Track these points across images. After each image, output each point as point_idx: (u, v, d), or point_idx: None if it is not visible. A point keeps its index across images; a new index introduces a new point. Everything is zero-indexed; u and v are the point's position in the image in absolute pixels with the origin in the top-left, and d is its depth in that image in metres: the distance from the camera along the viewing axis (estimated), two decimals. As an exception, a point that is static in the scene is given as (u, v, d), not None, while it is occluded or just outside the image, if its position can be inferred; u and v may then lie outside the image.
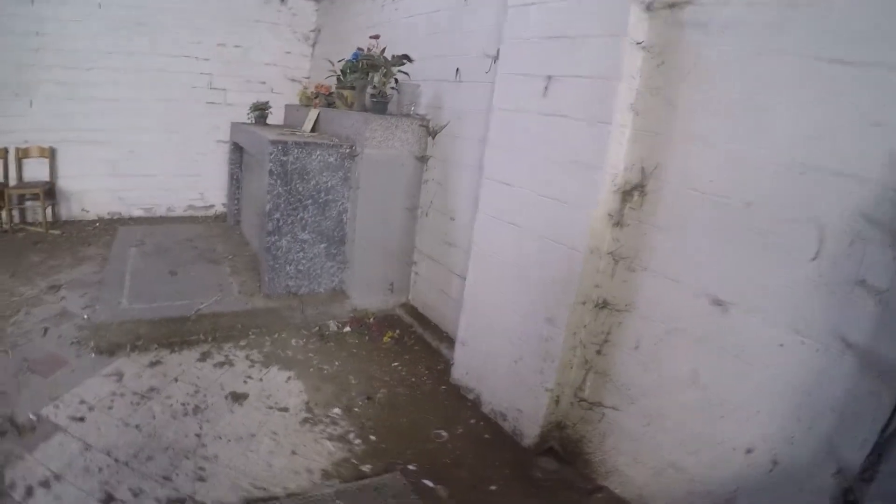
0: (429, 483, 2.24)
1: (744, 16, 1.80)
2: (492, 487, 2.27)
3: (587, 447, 2.36)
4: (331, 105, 4.46)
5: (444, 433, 2.62)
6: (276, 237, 3.38)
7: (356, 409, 2.72)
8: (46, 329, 3.09)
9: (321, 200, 3.47)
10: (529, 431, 2.48)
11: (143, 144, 5.07)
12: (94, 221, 5.04)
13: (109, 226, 4.99)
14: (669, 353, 2.00)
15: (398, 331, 3.58)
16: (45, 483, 1.98)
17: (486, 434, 2.65)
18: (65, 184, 4.87)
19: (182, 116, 5.10)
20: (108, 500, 1.96)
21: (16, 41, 4.42)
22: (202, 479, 2.13)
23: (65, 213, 4.97)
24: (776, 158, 1.72)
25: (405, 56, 3.42)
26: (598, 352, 2.27)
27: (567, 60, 2.20)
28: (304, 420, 2.60)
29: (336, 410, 2.70)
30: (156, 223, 5.12)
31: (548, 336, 2.29)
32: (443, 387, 3.03)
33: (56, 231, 4.68)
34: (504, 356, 2.55)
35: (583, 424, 2.36)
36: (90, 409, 2.46)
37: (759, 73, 1.77)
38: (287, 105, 5.10)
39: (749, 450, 1.78)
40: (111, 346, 2.94)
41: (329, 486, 2.17)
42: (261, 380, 2.88)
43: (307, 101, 4.55)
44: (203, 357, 3.01)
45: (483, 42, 3.19)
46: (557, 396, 2.38)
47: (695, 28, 1.92)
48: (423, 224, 3.76)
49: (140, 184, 5.13)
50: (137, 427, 2.38)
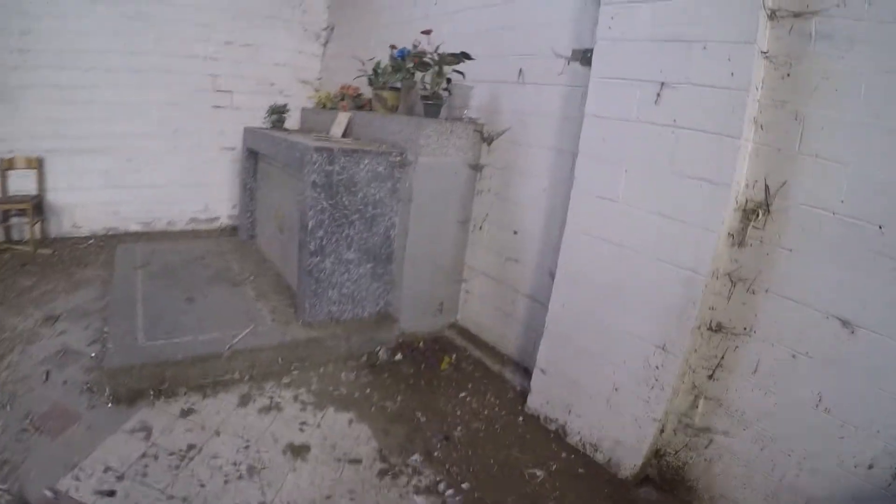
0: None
1: (875, 32, 1.66)
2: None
3: (690, 474, 2.19)
4: (359, 108, 3.99)
5: (539, 472, 2.26)
6: (319, 258, 2.89)
7: (437, 454, 2.30)
8: (48, 373, 2.53)
9: (368, 215, 3.00)
10: (628, 462, 2.26)
11: (142, 152, 4.49)
12: (88, 238, 4.42)
13: (105, 243, 4.37)
14: (793, 377, 1.87)
15: (454, 355, 3.14)
16: None
17: (580, 468, 2.34)
18: (55, 197, 4.26)
19: (185, 121, 4.55)
20: None
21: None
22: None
23: (55, 230, 4.35)
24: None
25: (464, 54, 2.98)
26: (710, 377, 2.08)
27: (684, 66, 1.95)
28: (382, 472, 2.16)
29: (415, 457, 2.26)
30: (157, 239, 4.51)
31: (658, 364, 2.07)
32: (519, 418, 2.64)
33: (46, 250, 4.06)
34: (598, 385, 2.31)
35: (686, 451, 2.18)
36: (119, 479, 1.94)
37: (891, 93, 1.63)
38: (304, 108, 4.59)
39: (870, 466, 1.71)
40: (131, 394, 2.40)
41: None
42: (319, 426, 2.39)
43: (331, 104, 4.06)
44: (243, 401, 2.50)
45: (553, 40, 2.82)
46: (663, 425, 2.20)
47: (823, 40, 1.76)
48: (476, 238, 3.32)
49: (138, 196, 4.54)
50: (185, 501, 1.88)
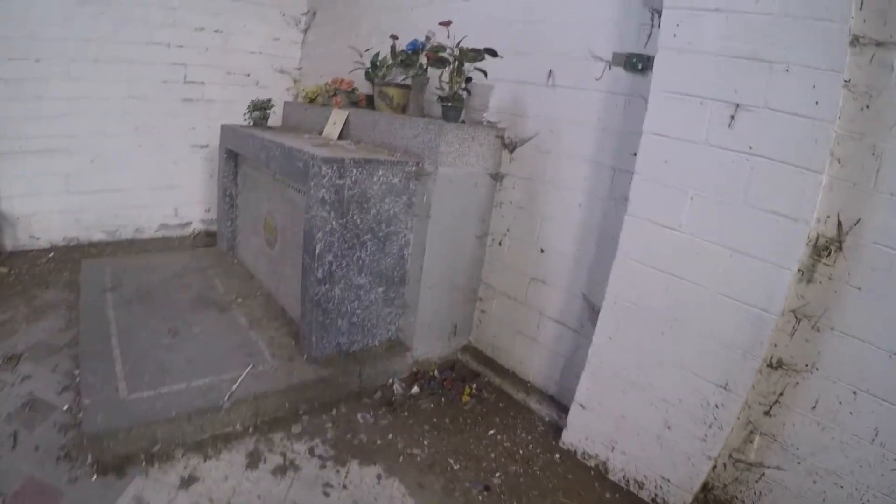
0: None
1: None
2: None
3: (738, 507, 2.13)
4: (354, 104, 3.57)
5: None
6: (328, 286, 2.50)
7: (481, 509, 2.00)
8: (16, 435, 2.07)
9: (381, 234, 2.62)
10: (676, 499, 2.14)
11: (106, 152, 3.91)
12: (48, 251, 3.83)
13: (68, 256, 3.80)
14: (851, 413, 1.81)
15: (474, 384, 2.83)
16: None
17: (627, 508, 2.10)
18: (8, 206, 3.65)
19: (153, 117, 3.98)
20: None
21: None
22: None
23: (10, 243, 3.75)
24: None
25: (489, 50, 2.61)
26: (767, 413, 1.99)
27: (762, 88, 1.75)
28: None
29: (459, 515, 1.96)
30: (125, 250, 3.98)
31: (719, 403, 1.94)
32: (556, 455, 2.41)
33: (1, 269, 3.46)
34: (648, 421, 2.15)
35: (735, 485, 2.10)
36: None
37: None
38: (286, 103, 4.10)
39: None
40: (118, 461, 1.99)
41: None
42: (345, 486, 2.05)
43: (323, 99, 3.61)
44: (252, 461, 2.11)
45: (589, 40, 2.50)
46: (716, 462, 2.09)
47: None
48: (495, 254, 2.99)
49: (102, 201, 3.97)
50: None
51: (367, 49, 3.46)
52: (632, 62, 2.41)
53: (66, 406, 2.26)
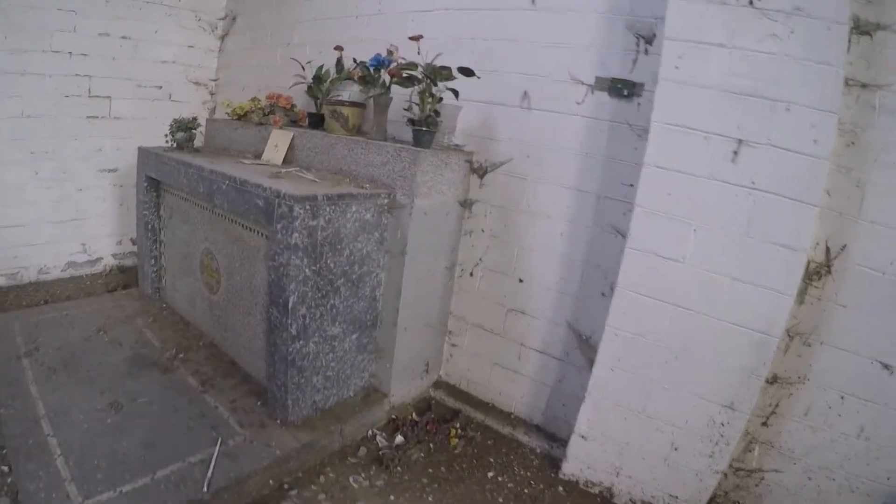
0: None
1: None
2: None
3: (741, 511, 2.25)
4: (294, 123, 3.19)
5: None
6: (302, 342, 2.17)
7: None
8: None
9: (354, 276, 2.32)
10: None
11: (-1, 182, 3.22)
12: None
13: (-41, 309, 3.06)
14: (840, 415, 1.98)
15: (457, 424, 2.63)
16: None
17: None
18: None
19: (52, 137, 3.29)
20: None
21: None
22: None
23: None
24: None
25: (464, 69, 2.37)
26: (764, 424, 2.11)
27: (765, 126, 1.79)
28: None
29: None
30: (31, 296, 3.28)
31: (724, 421, 2.00)
32: (559, 487, 2.32)
33: None
34: (654, 446, 2.16)
35: (736, 491, 2.21)
36: None
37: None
38: (211, 121, 3.59)
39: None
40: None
41: None
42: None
43: (258, 117, 3.18)
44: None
45: (568, 61, 2.41)
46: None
47: (886, 114, 1.79)
48: (466, 285, 2.79)
49: (-3, 239, 3.28)
50: None
51: (309, 62, 3.09)
52: (616, 87, 2.32)
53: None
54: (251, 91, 3.75)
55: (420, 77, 2.39)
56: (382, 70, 2.51)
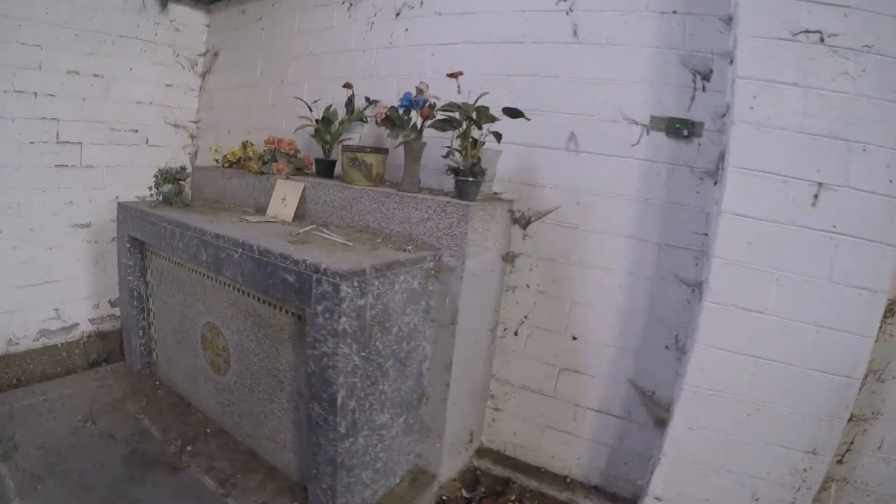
0: None
1: None
2: None
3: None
4: (300, 171, 2.80)
5: None
6: (352, 439, 1.79)
7: None
8: None
9: (402, 355, 1.96)
10: None
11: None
12: None
13: None
14: None
15: (513, 497, 2.31)
16: None
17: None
18: None
19: (16, 190, 2.75)
20: None
21: None
22: None
23: None
24: None
25: (511, 110, 2.05)
26: (840, 462, 1.97)
27: (843, 168, 1.66)
28: None
29: None
30: (1, 373, 2.73)
31: (807, 467, 1.84)
32: None
33: None
34: (735, 499, 1.96)
35: None
36: None
37: None
38: (198, 168, 3.13)
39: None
40: None
41: None
42: None
43: (257, 166, 2.76)
44: None
45: (619, 100, 2.17)
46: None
47: None
48: (509, 346, 2.47)
49: (-44, 311, 2.67)
50: None
51: (316, 101, 2.72)
52: (675, 127, 2.08)
53: None
54: (239, 134, 3.33)
55: (461, 120, 2.07)
56: (414, 111, 2.17)
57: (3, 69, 2.59)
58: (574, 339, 2.32)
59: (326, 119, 2.65)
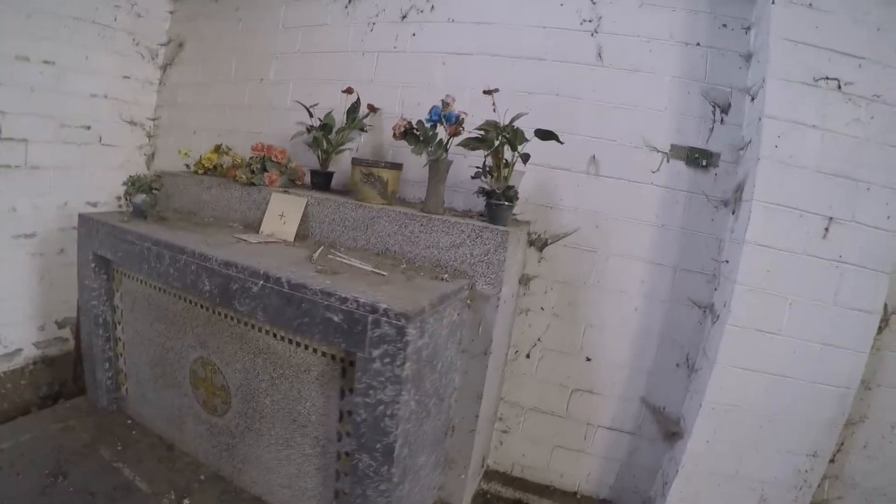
0: None
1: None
2: None
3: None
4: (292, 182, 2.52)
5: None
6: (401, 487, 1.63)
7: None
8: None
9: (441, 391, 1.81)
10: None
11: None
12: None
13: None
14: (891, 443, 2.07)
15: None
16: None
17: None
18: None
19: None
20: None
21: None
22: None
23: None
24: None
25: (544, 132, 1.94)
26: (832, 461, 2.11)
27: (850, 204, 1.80)
28: None
29: None
30: None
31: (808, 468, 1.98)
32: None
33: None
34: (744, 502, 2.06)
35: None
36: None
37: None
38: (164, 174, 2.74)
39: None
40: None
41: None
42: None
43: (243, 175, 2.42)
44: None
45: (641, 126, 2.17)
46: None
47: None
48: (521, 369, 2.39)
49: None
50: None
51: (315, 104, 2.45)
52: (694, 157, 2.10)
53: None
54: (207, 136, 2.96)
55: (493, 139, 1.93)
56: (443, 126, 2.00)
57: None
58: (588, 361, 2.29)
59: (326, 126, 2.40)
